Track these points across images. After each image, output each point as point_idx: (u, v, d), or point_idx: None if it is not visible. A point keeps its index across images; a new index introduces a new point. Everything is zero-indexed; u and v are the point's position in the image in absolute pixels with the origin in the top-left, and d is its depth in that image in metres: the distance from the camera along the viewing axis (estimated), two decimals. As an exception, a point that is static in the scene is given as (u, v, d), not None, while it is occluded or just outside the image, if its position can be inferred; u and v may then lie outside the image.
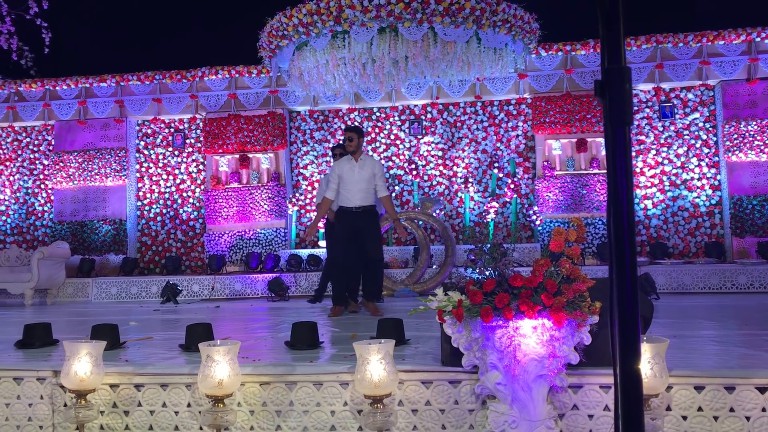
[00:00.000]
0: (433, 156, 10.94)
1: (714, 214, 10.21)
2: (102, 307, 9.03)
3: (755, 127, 9.79)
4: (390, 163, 10.96)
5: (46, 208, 11.70)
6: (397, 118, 11.08)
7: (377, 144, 11.08)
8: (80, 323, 6.47)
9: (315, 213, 10.91)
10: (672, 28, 10.02)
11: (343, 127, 11.12)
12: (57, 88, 11.38)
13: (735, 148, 9.83)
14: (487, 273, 3.09)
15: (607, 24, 1.09)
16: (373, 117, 11.14)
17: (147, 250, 11.49)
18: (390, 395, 3.07)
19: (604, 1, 1.08)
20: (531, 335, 2.91)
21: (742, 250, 9.71)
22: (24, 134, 11.88)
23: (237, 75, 11.00)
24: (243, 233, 10.77)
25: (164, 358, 3.83)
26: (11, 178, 11.83)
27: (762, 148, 9.74)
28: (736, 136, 9.83)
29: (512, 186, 10.50)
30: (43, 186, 11.77)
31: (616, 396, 1.05)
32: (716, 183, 10.24)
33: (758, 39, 9.78)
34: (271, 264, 10.04)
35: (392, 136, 11.04)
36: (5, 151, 11.88)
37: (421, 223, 9.79)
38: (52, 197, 11.52)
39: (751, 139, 9.79)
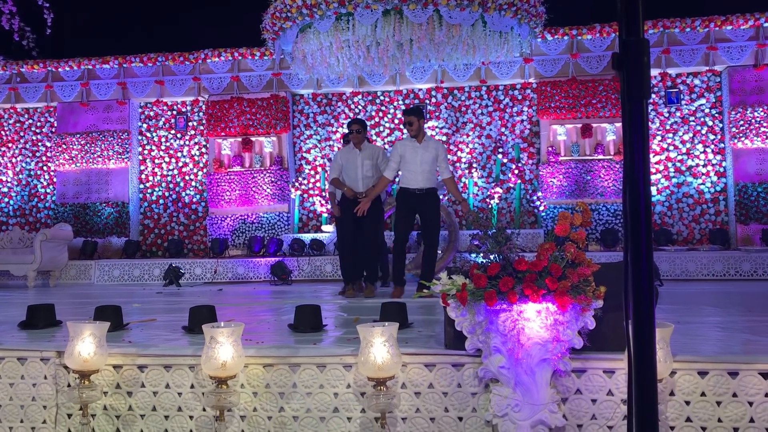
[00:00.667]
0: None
1: (719, 200, 10.17)
2: (105, 289, 9.04)
3: (762, 113, 9.72)
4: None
5: (48, 190, 11.70)
6: (401, 102, 11.02)
7: (381, 128, 11.04)
8: (83, 305, 6.48)
9: (325, 196, 10.88)
10: (679, 13, 9.94)
11: (347, 111, 11.08)
12: (59, 69, 11.33)
13: (741, 135, 9.78)
14: (491, 257, 3.07)
15: (624, -6, 1.07)
16: (377, 101, 11.09)
17: (149, 233, 11.49)
18: (393, 378, 3.07)
19: (622, -30, 1.06)
20: (535, 319, 2.90)
21: (747, 237, 9.69)
22: (26, 116, 11.85)
23: (240, 57, 10.95)
24: (246, 217, 10.76)
25: (167, 340, 3.83)
26: (14, 160, 11.81)
27: (768, 134, 9.69)
28: (742, 122, 9.77)
29: (516, 171, 10.47)
30: (45, 168, 11.75)
31: (630, 378, 1.04)
32: (721, 170, 10.19)
33: (766, 24, 9.69)
34: (273, 248, 10.03)
35: (396, 121, 10.99)
36: (8, 132, 11.86)
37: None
38: (55, 179, 11.51)
39: (757, 125, 9.73)
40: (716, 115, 10.25)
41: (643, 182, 1.01)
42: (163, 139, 11.61)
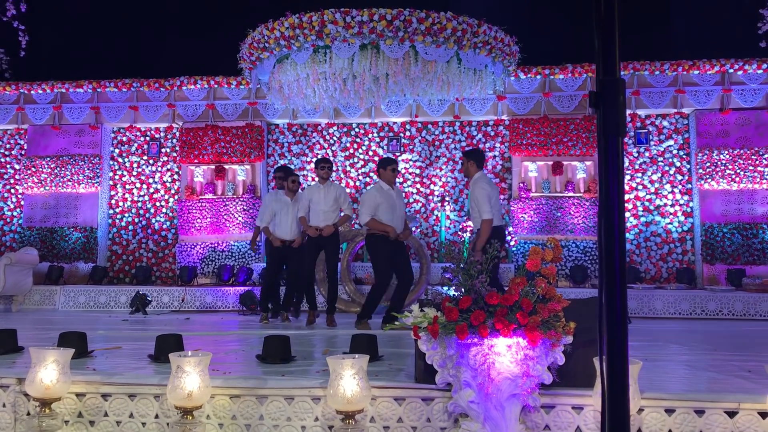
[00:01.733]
0: (410, 173, 10.97)
1: (686, 240, 10.34)
2: (69, 315, 8.85)
3: (727, 156, 9.97)
4: (367, 179, 10.96)
5: (15, 213, 11.49)
6: (375, 135, 11.10)
7: (355, 159, 11.08)
8: (46, 330, 6.34)
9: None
10: (649, 56, 10.20)
11: (322, 142, 11.11)
12: (32, 92, 11.22)
13: (707, 176, 10.00)
14: (463, 290, 3.09)
15: (602, 35, 1.10)
16: (352, 132, 11.15)
17: (117, 259, 11.32)
18: (362, 411, 3.04)
19: (600, 13, 1.09)
20: (505, 354, 2.90)
21: (712, 276, 9.85)
22: (-4, 137, 11.68)
23: (216, 85, 10.95)
24: (216, 245, 10.66)
25: (133, 368, 3.76)
26: (-19, 182, 11.60)
27: (733, 177, 9.92)
28: (708, 164, 10.00)
29: (488, 206, 10.54)
30: (13, 191, 11.56)
31: (603, 411, 1.04)
32: (688, 210, 10.39)
33: (731, 70, 9.99)
34: (243, 277, 9.94)
35: (370, 152, 11.05)
36: (-24, 153, 11.67)
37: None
38: (22, 202, 11.32)
39: (723, 167, 9.96)
40: (684, 156, 10.48)
41: (618, 218, 1.03)
42: (135, 165, 11.50)
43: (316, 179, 7.63)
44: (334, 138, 11.14)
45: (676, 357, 4.72)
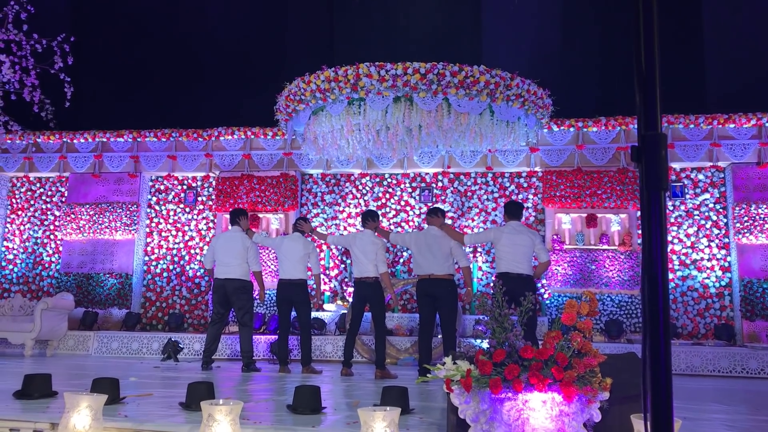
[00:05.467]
0: (442, 224, 10.96)
1: (724, 295, 10.12)
2: (102, 361, 8.92)
3: (766, 210, 9.80)
4: (399, 229, 10.99)
5: (53, 259, 11.72)
6: (408, 185, 11.16)
7: (387, 209, 11.13)
8: (79, 376, 6.38)
9: (329, 275, 10.90)
10: (683, 110, 10.17)
11: (354, 191, 11.21)
12: (74, 141, 11.57)
13: (745, 231, 9.82)
14: (496, 343, 3.05)
15: (643, 91, 1.11)
16: (385, 183, 11.23)
17: (151, 306, 11.43)
18: (393, 465, 2.99)
19: (641, 68, 1.10)
20: (540, 409, 2.85)
21: (753, 333, 9.58)
22: (38, 185, 12.02)
23: (252, 136, 11.17)
24: (248, 293, 10.68)
25: (164, 416, 3.76)
26: (21, 228, 11.90)
27: (772, 231, 9.73)
28: (746, 218, 9.83)
29: (520, 258, 10.46)
30: (52, 237, 11.82)
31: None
32: (726, 264, 10.19)
33: (768, 124, 9.91)
34: (274, 325, 9.94)
35: (402, 202, 11.10)
36: (18, 200, 12.00)
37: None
38: (61, 248, 11.56)
39: (761, 222, 9.78)
40: (720, 210, 10.33)
41: (662, 273, 1.02)
42: (171, 213, 11.71)
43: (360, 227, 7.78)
44: (367, 188, 11.23)
45: (717, 416, 4.57)
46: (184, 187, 11.76)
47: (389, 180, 11.23)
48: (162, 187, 11.81)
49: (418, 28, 11.89)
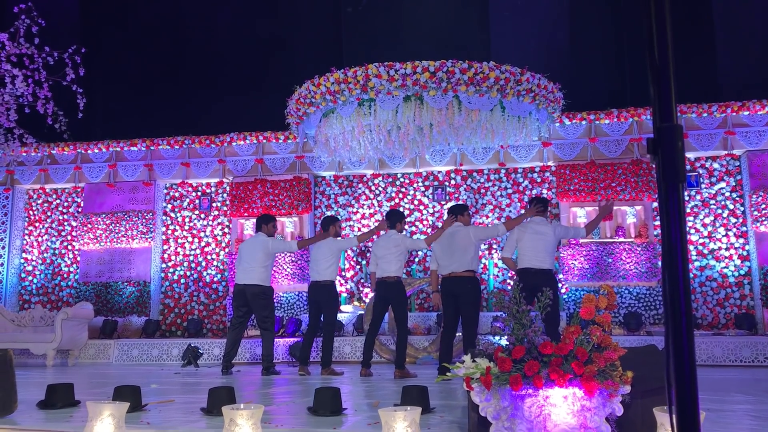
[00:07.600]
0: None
1: (743, 284, 10.02)
2: (123, 368, 8.99)
3: (783, 197, 9.70)
4: (413, 228, 10.98)
5: (72, 269, 11.83)
6: (420, 184, 11.15)
7: (401, 209, 11.12)
8: (101, 384, 6.44)
9: (344, 276, 10.90)
10: (696, 99, 10.08)
11: (367, 192, 11.22)
12: (89, 151, 11.66)
13: (763, 218, 9.72)
14: (515, 340, 3.04)
15: (658, 82, 1.10)
16: (397, 182, 11.23)
17: (169, 312, 11.50)
18: (416, 465, 2.99)
19: (655, 60, 1.09)
20: (561, 405, 2.84)
21: (774, 321, 9.48)
22: (54, 196, 12.13)
23: (264, 141, 11.21)
24: (265, 297, 10.73)
25: (186, 422, 3.78)
26: (39, 239, 12.01)
27: (791, 218, 9.62)
28: (764, 206, 9.73)
29: (536, 253, 10.42)
30: (70, 247, 11.92)
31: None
32: (744, 253, 10.09)
33: (783, 110, 9.80)
34: (292, 328, 9.97)
35: (416, 202, 11.10)
36: (35, 212, 12.12)
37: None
38: (79, 258, 11.65)
39: (779, 209, 9.68)
40: (737, 198, 10.24)
41: (682, 265, 1.01)
42: (186, 219, 11.77)
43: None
44: (380, 188, 11.24)
45: (741, 407, 4.53)
46: (199, 193, 11.82)
47: (402, 180, 11.22)
48: (177, 195, 11.87)
49: (425, 26, 11.87)
